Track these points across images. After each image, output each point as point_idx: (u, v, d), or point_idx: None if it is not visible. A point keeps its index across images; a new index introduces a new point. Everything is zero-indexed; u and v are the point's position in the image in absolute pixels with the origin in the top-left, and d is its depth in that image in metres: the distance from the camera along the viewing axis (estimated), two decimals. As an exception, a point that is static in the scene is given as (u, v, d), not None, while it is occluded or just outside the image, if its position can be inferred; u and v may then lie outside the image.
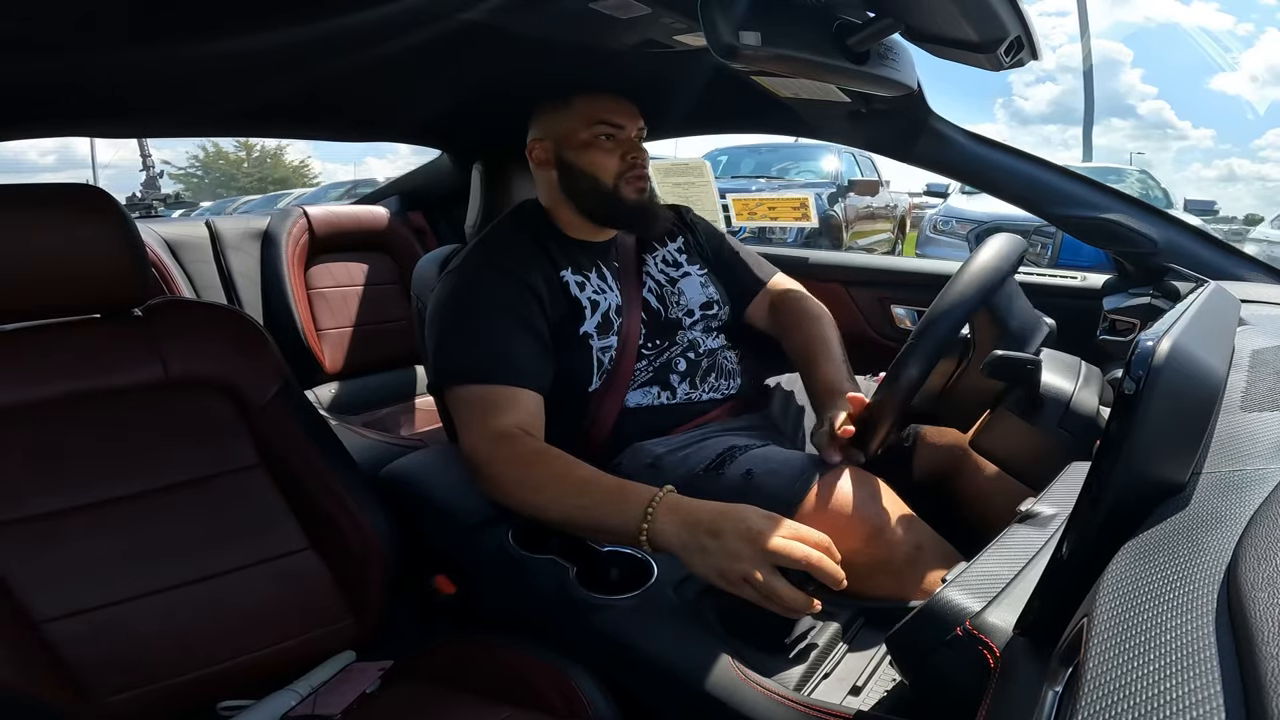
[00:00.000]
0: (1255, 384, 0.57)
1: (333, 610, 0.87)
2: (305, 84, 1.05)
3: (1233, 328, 0.73)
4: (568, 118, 1.05)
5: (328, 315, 1.94)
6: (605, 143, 1.04)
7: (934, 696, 0.51)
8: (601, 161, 1.04)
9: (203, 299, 1.73)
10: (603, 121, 1.04)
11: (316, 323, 1.91)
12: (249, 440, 0.89)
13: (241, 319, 0.95)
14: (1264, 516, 0.34)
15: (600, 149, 1.04)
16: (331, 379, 1.91)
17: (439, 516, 0.96)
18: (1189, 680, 0.24)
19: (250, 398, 0.90)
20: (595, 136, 1.04)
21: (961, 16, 0.71)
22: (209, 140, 19.35)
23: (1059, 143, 74.26)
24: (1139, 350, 0.41)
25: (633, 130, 1.06)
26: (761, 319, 1.24)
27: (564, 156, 1.05)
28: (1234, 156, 60.66)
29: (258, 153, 21.10)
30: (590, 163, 1.04)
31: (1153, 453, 0.41)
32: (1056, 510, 0.59)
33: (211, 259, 1.85)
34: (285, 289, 1.84)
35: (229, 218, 2.03)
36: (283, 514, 0.88)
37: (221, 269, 1.85)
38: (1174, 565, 0.33)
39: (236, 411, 0.89)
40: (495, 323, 0.96)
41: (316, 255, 1.95)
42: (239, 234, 1.90)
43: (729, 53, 0.68)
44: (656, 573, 0.80)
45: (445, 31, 0.88)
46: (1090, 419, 0.82)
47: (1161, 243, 1.15)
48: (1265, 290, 0.98)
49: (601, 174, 1.04)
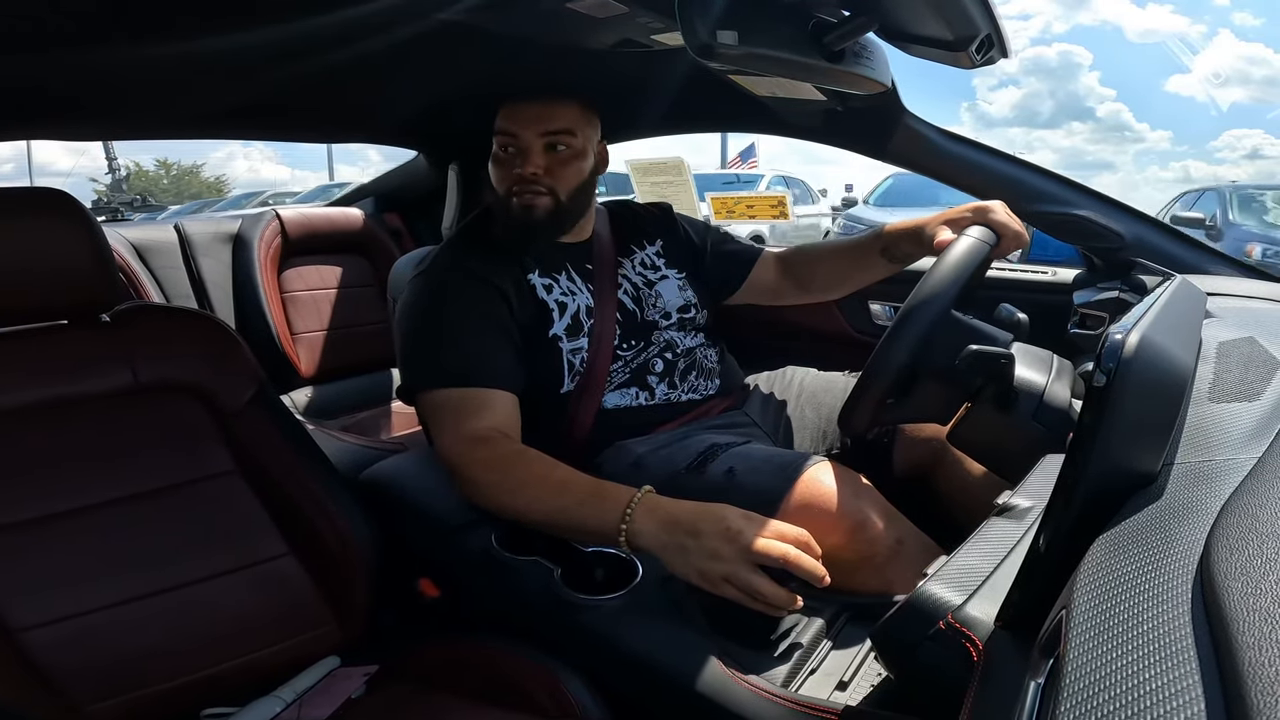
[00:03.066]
0: (1222, 375, 0.59)
1: (316, 615, 0.86)
2: (279, 85, 1.03)
3: (1199, 320, 0.74)
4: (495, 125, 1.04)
5: (302, 318, 1.91)
6: (502, 154, 1.02)
7: (919, 690, 0.52)
8: (496, 175, 1.03)
9: (172, 304, 1.70)
10: (501, 132, 1.02)
11: (291, 326, 1.88)
12: (224, 446, 0.88)
13: (213, 323, 0.94)
14: (1234, 506, 0.35)
15: (497, 161, 1.03)
16: (307, 383, 1.88)
17: (421, 520, 0.95)
18: (1167, 670, 0.25)
19: (224, 403, 0.89)
20: (500, 147, 1.02)
21: (934, 15, 0.72)
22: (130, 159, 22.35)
23: (1023, 145, 75.94)
24: (1109, 343, 0.42)
25: (531, 137, 1.00)
26: (769, 282, 1.23)
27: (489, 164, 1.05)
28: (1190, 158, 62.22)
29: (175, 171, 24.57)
30: (493, 174, 1.04)
31: (1124, 444, 0.41)
32: (1033, 503, 0.59)
33: (181, 263, 1.81)
34: (258, 292, 1.81)
35: (199, 220, 2.00)
36: (262, 520, 0.87)
37: (191, 273, 1.82)
38: (1148, 556, 0.34)
39: (210, 417, 0.88)
40: (465, 324, 0.95)
41: (290, 258, 1.92)
42: (209, 237, 1.86)
43: (706, 52, 0.68)
44: (642, 572, 0.80)
45: (422, 31, 0.87)
46: (1063, 412, 0.83)
47: (1129, 237, 1.18)
48: (1230, 283, 1.00)
49: (498, 186, 1.03)
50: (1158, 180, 70.24)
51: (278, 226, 1.89)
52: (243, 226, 1.89)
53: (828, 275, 1.20)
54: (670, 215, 1.25)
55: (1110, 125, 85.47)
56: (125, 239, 1.74)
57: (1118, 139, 77.52)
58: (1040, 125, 69.91)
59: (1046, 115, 74.13)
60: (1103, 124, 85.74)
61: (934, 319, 0.86)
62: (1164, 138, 65.69)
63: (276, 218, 1.90)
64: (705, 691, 0.69)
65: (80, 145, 15.58)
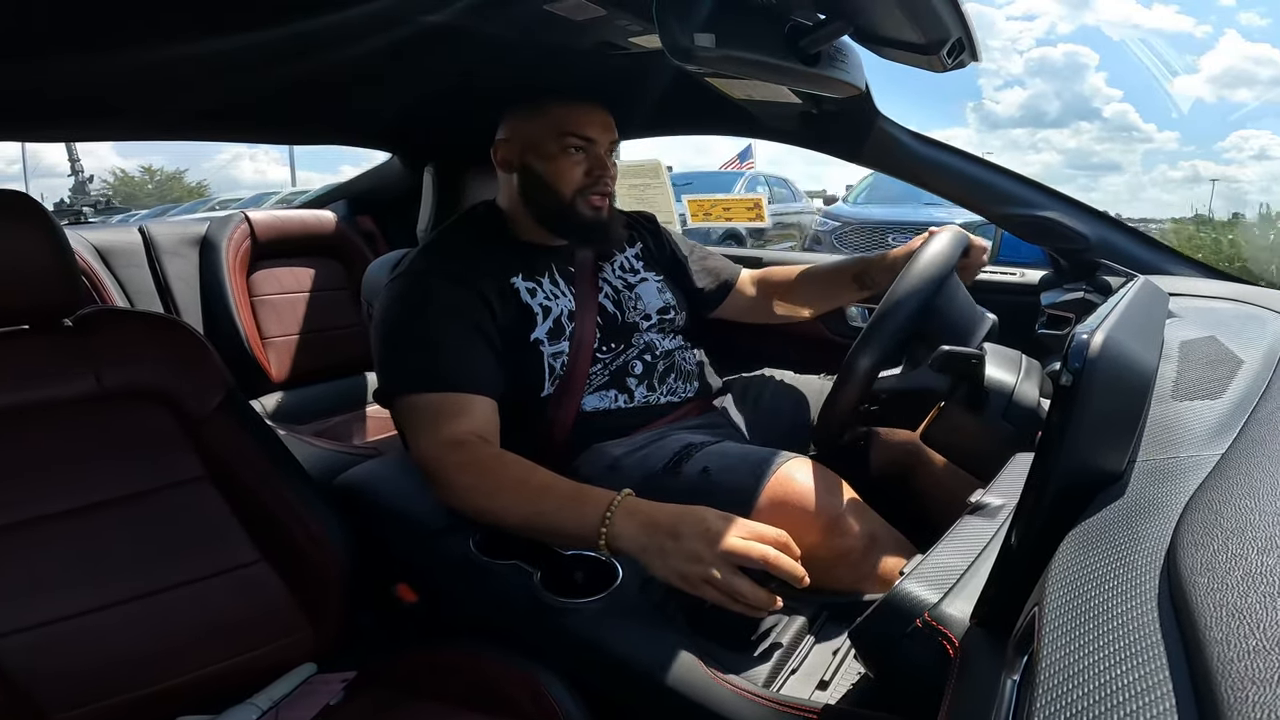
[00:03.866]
0: (1185, 373, 0.60)
1: (290, 622, 0.85)
2: (253, 88, 1.02)
3: (1162, 320, 0.76)
4: (539, 124, 1.03)
5: (273, 322, 1.88)
6: (573, 155, 1.03)
7: (899, 688, 0.52)
8: (565, 173, 1.03)
9: (137, 308, 1.66)
10: (573, 134, 1.02)
11: (261, 330, 1.85)
12: (192, 452, 0.87)
13: (179, 327, 0.93)
14: (1199, 503, 0.35)
15: (566, 160, 1.03)
16: (279, 388, 1.85)
17: (398, 525, 0.94)
18: (1138, 667, 0.25)
19: (191, 409, 0.87)
20: (564, 148, 1.02)
21: (907, 19, 0.73)
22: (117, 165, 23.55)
23: (1028, 145, 76.46)
24: (1075, 343, 0.42)
25: (604, 144, 1.05)
26: (747, 301, 1.28)
27: (528, 162, 1.04)
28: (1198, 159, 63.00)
29: (160, 176, 26.68)
30: (553, 173, 1.03)
31: (1091, 442, 0.42)
32: (1004, 501, 0.60)
33: (146, 266, 1.77)
34: (226, 296, 1.78)
35: (164, 223, 1.95)
36: (232, 526, 0.86)
37: (157, 276, 1.78)
38: (1116, 553, 0.34)
39: (177, 423, 0.87)
40: (444, 328, 0.94)
41: (259, 261, 1.89)
42: (175, 240, 1.82)
43: (684, 55, 0.68)
44: (621, 574, 0.80)
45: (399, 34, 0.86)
46: (1032, 410, 0.85)
47: (1094, 239, 1.20)
48: (1192, 283, 1.03)
49: (562, 186, 1.03)
50: (1166, 180, 70.94)
51: (247, 229, 1.86)
52: (210, 229, 1.86)
53: (801, 298, 1.24)
54: (652, 221, 1.26)
55: (1117, 125, 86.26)
56: (88, 242, 1.69)
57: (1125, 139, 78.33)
58: (1046, 125, 71.04)
59: (1053, 115, 75.19)
60: (1109, 124, 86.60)
61: (904, 324, 0.87)
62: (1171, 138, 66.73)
63: (245, 220, 1.87)
64: (687, 692, 0.69)
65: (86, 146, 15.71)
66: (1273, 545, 0.28)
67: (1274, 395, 0.48)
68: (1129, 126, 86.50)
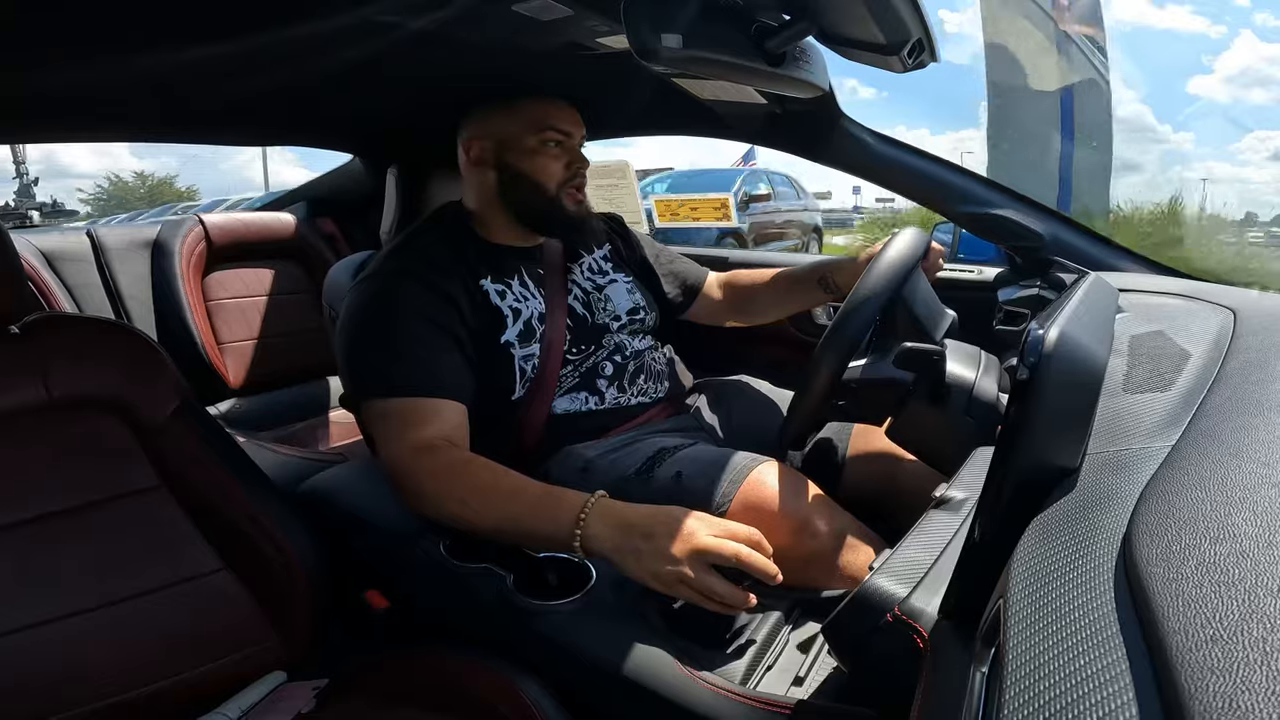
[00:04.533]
0: (1135, 367, 0.62)
1: (256, 631, 0.83)
2: (213, 88, 0.98)
3: (1112, 315, 0.78)
4: (513, 120, 1.03)
5: (230, 327, 1.83)
6: (552, 149, 1.03)
7: (872, 682, 0.53)
8: (547, 168, 1.03)
9: (86, 314, 1.60)
10: (551, 128, 1.02)
11: (217, 335, 1.80)
12: (147, 462, 0.84)
13: (130, 334, 0.90)
14: (1152, 494, 0.36)
15: (546, 155, 1.03)
16: (237, 394, 1.81)
17: (366, 531, 0.93)
18: (1101, 657, 0.26)
19: (145, 417, 0.85)
20: (543, 143, 1.02)
21: (870, 19, 0.74)
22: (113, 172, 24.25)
23: None
24: (1030, 338, 0.43)
25: (577, 138, 1.05)
26: (713, 305, 1.29)
27: (506, 159, 1.03)
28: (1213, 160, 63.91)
29: (152, 181, 29.21)
30: (535, 168, 1.03)
31: (1048, 435, 0.43)
32: (967, 494, 0.61)
33: (95, 271, 1.71)
34: (180, 301, 1.73)
35: (113, 227, 1.89)
36: (191, 535, 0.84)
37: (107, 281, 1.72)
38: (1075, 545, 0.35)
39: (131, 432, 0.84)
40: (412, 332, 0.93)
41: (215, 264, 1.84)
42: (125, 243, 1.76)
43: (651, 55, 0.68)
44: (595, 575, 0.80)
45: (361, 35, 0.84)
46: (992, 405, 0.87)
47: (1047, 236, 1.24)
48: (1140, 279, 1.07)
49: (546, 180, 1.03)
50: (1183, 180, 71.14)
51: (201, 232, 1.80)
52: (162, 233, 1.80)
53: (766, 302, 1.26)
54: (620, 224, 1.26)
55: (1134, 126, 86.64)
56: (34, 246, 1.63)
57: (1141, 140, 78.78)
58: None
59: None
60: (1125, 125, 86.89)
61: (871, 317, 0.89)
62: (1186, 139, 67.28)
63: (200, 223, 1.82)
64: (664, 692, 0.69)
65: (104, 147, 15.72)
66: (1225, 535, 0.29)
67: (1221, 388, 0.50)
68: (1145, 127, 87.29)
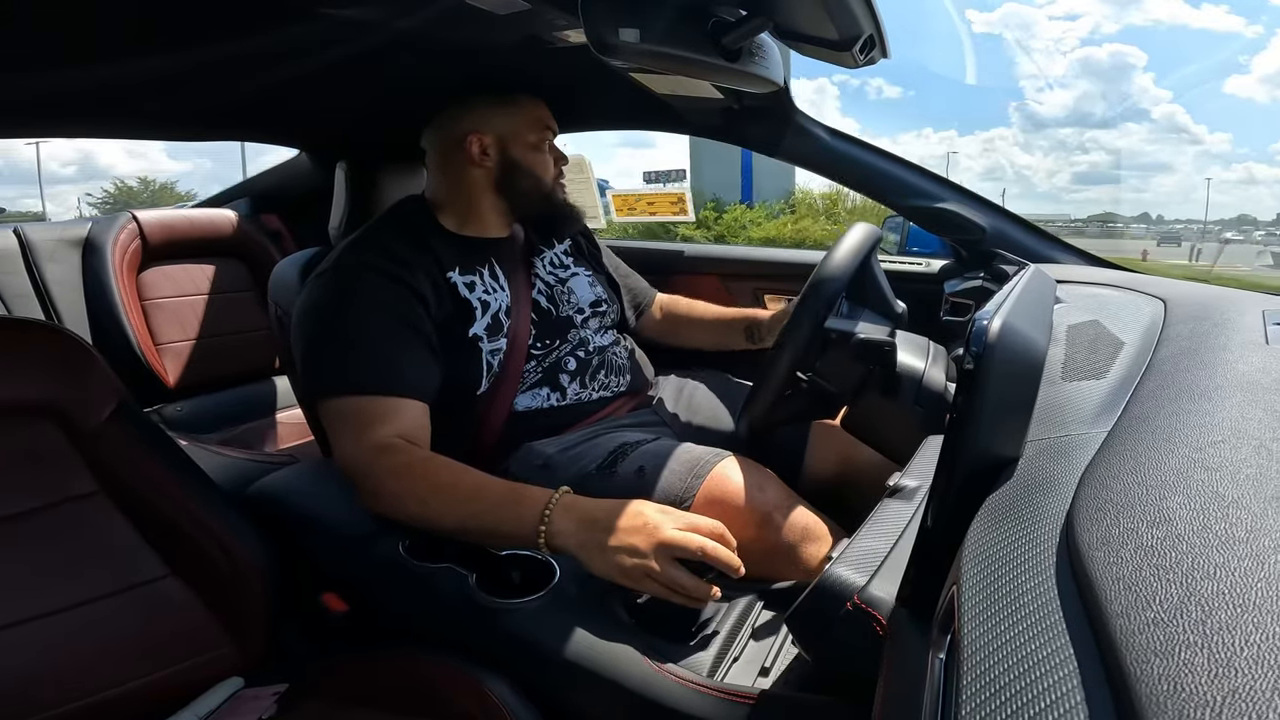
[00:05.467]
0: (1072, 356, 0.64)
1: (209, 637, 0.81)
2: (147, 78, 0.93)
3: (1050, 305, 0.81)
4: (516, 117, 1.06)
5: (168, 327, 1.76)
6: (543, 147, 1.08)
7: (836, 670, 0.54)
8: (544, 163, 1.08)
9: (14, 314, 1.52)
10: (547, 127, 1.08)
11: (155, 335, 1.73)
12: (85, 468, 0.81)
13: (60, 335, 0.86)
14: (1090, 479, 0.38)
15: (544, 152, 1.08)
16: (178, 396, 1.74)
17: (320, 533, 0.90)
18: (1050, 641, 0.27)
19: (80, 422, 0.82)
20: (541, 140, 1.07)
21: (823, 15, 0.75)
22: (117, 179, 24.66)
23: (1075, 145, 76.85)
24: (975, 329, 0.44)
25: (553, 136, 1.10)
26: (654, 325, 1.34)
27: (510, 154, 1.06)
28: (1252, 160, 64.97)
29: (154, 186, 30.20)
30: (537, 163, 1.07)
31: (993, 422, 0.44)
32: (919, 483, 0.62)
33: (23, 270, 1.62)
34: (113, 300, 1.65)
35: (42, 225, 1.79)
36: (135, 542, 0.81)
37: (35, 281, 1.63)
38: (1021, 530, 0.36)
39: (66, 437, 0.81)
40: (373, 327, 0.91)
41: (151, 263, 1.76)
42: (54, 242, 1.67)
43: (609, 50, 0.68)
44: (559, 572, 0.79)
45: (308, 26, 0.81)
46: (940, 394, 0.90)
47: (989, 229, 1.28)
48: (1076, 270, 1.12)
49: (545, 175, 1.07)
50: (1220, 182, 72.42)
51: (135, 229, 1.73)
52: (93, 230, 1.72)
53: (696, 335, 1.33)
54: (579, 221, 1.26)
55: (1167, 127, 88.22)
56: None
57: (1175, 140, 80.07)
58: (1094, 125, 72.57)
59: (1100, 116, 76.66)
60: (1159, 125, 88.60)
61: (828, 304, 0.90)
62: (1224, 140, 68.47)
63: (133, 220, 1.74)
64: (632, 686, 0.69)
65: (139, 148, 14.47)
66: (1161, 519, 0.30)
67: (1153, 374, 0.52)
68: (1179, 128, 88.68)
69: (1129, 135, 78.87)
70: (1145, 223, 41.27)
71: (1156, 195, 67.28)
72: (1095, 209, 54.50)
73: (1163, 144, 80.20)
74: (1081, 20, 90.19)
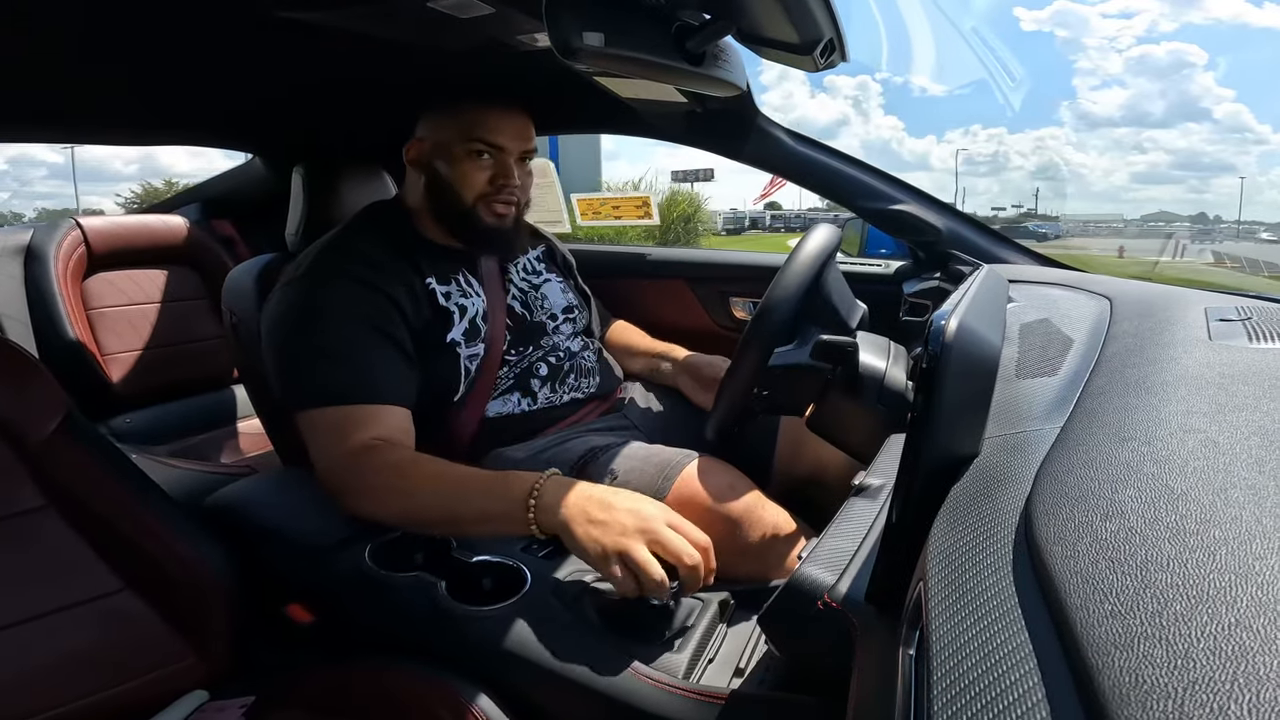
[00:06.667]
0: (1026, 354, 0.66)
1: (171, 650, 0.79)
2: (92, 79, 0.90)
3: (1004, 305, 0.84)
4: (450, 125, 1.00)
5: (115, 336, 1.70)
6: (479, 160, 1.00)
7: (809, 669, 0.54)
8: (467, 178, 1.00)
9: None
10: (481, 139, 0.99)
11: (101, 345, 1.67)
12: (30, 481, 0.78)
13: (2, 346, 0.82)
14: (1045, 474, 0.39)
15: (471, 165, 1.00)
16: (129, 407, 1.68)
17: (283, 544, 0.88)
18: (1014, 636, 0.28)
19: (24, 434, 0.78)
20: (470, 153, 0.99)
21: (784, 19, 0.76)
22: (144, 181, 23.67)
23: (1131, 145, 77.30)
24: (932, 328, 0.45)
25: (515, 152, 1.02)
26: (607, 348, 1.31)
27: (433, 163, 1.01)
28: None
29: (178, 188, 29.26)
30: (456, 177, 1.00)
31: (952, 420, 0.45)
32: (884, 481, 0.63)
33: None
34: (57, 309, 1.59)
35: None
36: (86, 556, 0.79)
37: None
38: (982, 526, 0.37)
39: (10, 450, 0.78)
40: (349, 336, 0.89)
41: (96, 270, 1.70)
42: None
43: (573, 53, 0.68)
44: (530, 578, 0.79)
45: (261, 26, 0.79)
46: (901, 394, 0.91)
47: (945, 231, 1.32)
48: (1027, 270, 1.15)
49: (464, 191, 1.00)
50: None
51: (79, 236, 1.66)
52: (35, 238, 1.65)
53: (629, 363, 1.29)
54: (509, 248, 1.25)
55: (1229, 126, 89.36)
56: None
57: (1238, 140, 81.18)
58: (1152, 125, 73.71)
59: (1158, 115, 77.71)
60: (1221, 125, 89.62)
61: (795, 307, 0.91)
62: None
63: (77, 227, 1.68)
64: (608, 690, 0.69)
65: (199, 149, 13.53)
66: (1114, 512, 0.31)
67: (1101, 371, 0.54)
68: (1242, 127, 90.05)
69: (1190, 135, 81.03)
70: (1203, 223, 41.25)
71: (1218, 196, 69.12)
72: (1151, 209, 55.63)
73: (1224, 145, 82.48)
74: (1137, 18, 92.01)
